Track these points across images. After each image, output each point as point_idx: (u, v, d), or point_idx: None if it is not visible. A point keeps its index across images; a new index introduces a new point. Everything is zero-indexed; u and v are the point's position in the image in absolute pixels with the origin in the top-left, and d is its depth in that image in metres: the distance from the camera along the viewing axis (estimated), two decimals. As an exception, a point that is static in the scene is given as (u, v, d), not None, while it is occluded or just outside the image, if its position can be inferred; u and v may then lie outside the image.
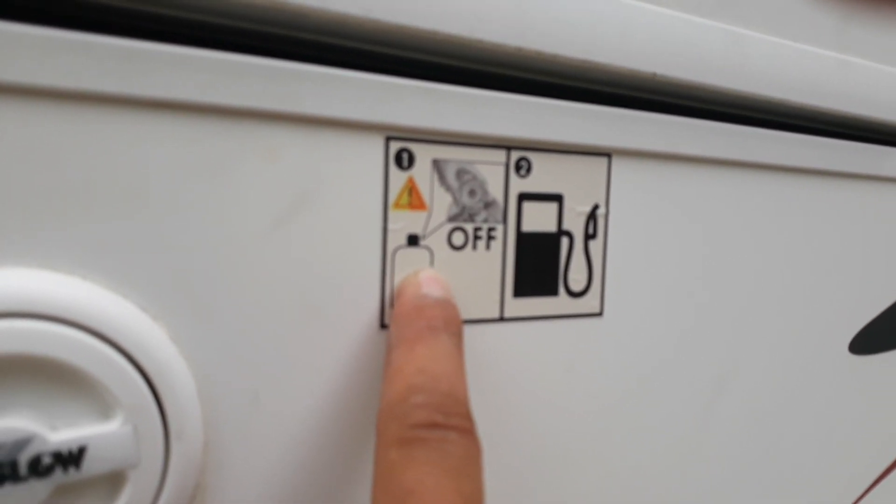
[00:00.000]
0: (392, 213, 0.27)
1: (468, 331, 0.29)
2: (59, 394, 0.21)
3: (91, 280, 0.22)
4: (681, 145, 0.33)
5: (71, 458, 0.21)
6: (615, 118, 0.31)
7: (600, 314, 0.32)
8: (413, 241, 0.27)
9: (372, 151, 0.26)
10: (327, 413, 0.26)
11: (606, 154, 0.31)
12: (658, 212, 0.33)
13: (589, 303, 0.32)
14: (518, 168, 0.29)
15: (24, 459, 0.20)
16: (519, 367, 0.30)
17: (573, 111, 0.30)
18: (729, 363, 0.37)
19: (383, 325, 0.27)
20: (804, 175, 0.38)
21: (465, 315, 0.29)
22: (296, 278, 0.25)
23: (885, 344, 0.43)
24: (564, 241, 0.31)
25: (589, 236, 0.31)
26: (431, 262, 0.28)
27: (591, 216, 0.31)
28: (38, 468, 0.20)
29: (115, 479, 0.22)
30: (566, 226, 0.31)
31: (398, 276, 0.27)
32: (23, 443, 0.20)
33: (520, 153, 0.29)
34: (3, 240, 0.21)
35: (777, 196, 0.37)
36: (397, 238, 0.27)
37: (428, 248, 0.28)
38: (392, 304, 0.27)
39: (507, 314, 0.30)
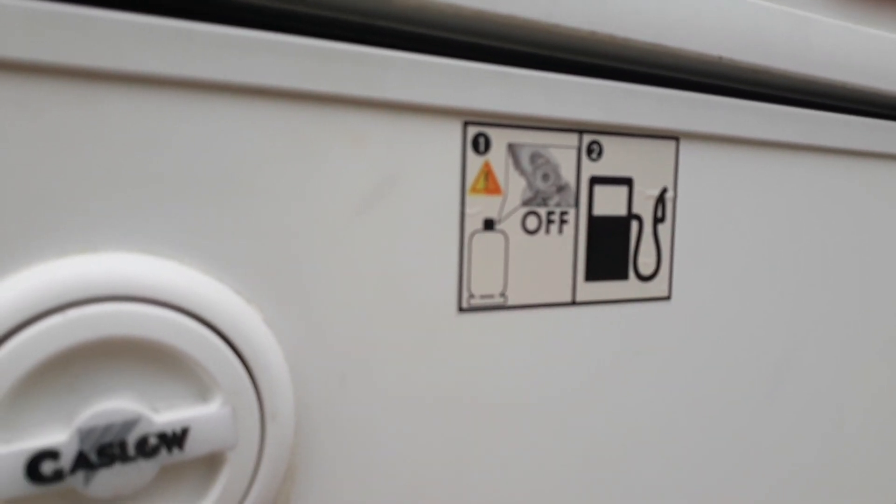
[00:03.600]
0: (469, 198, 0.27)
1: (541, 316, 0.29)
2: (159, 376, 0.22)
3: (189, 264, 0.22)
4: (747, 129, 0.33)
5: (175, 439, 0.21)
6: (683, 102, 0.31)
7: (668, 298, 0.32)
8: (489, 225, 0.28)
9: (450, 136, 0.26)
10: (409, 394, 0.26)
11: (675, 137, 0.31)
12: (724, 195, 0.33)
13: (658, 286, 0.32)
14: (590, 152, 0.29)
15: (132, 440, 0.21)
16: (590, 351, 0.30)
17: (643, 94, 0.30)
18: (790, 348, 0.37)
19: (461, 309, 0.27)
20: (871, 159, 0.37)
21: (537, 300, 0.29)
22: (379, 261, 0.25)
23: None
24: (634, 224, 0.31)
25: (658, 220, 0.31)
26: (506, 247, 0.28)
27: (660, 200, 0.31)
28: (145, 448, 0.21)
29: (214, 461, 0.22)
30: (636, 209, 0.31)
31: (475, 259, 0.27)
32: (131, 424, 0.21)
33: (591, 136, 0.29)
34: (107, 225, 0.21)
35: (844, 180, 0.37)
36: (474, 222, 0.27)
37: (503, 233, 0.28)
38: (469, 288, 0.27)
39: (578, 298, 0.30)
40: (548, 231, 0.29)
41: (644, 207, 0.31)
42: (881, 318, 0.40)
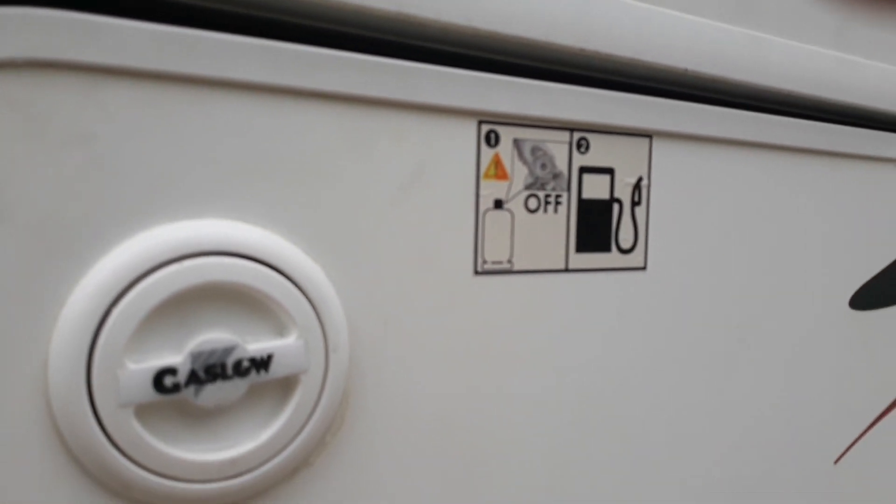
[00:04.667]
0: (483, 182, 0.33)
1: (540, 279, 0.35)
2: (249, 315, 0.28)
3: (271, 229, 0.29)
4: (708, 129, 0.39)
5: (262, 363, 0.28)
6: (655, 106, 0.37)
7: (644, 268, 0.39)
8: (498, 204, 0.34)
9: (468, 132, 0.33)
10: (436, 336, 0.33)
11: (648, 135, 0.38)
12: (690, 184, 0.40)
13: (636, 258, 0.38)
14: (579, 146, 0.36)
15: (230, 362, 0.27)
16: (579, 310, 0.37)
17: (622, 100, 0.36)
18: (748, 315, 0.43)
19: (476, 272, 0.34)
20: (812, 155, 0.44)
21: (536, 266, 0.35)
22: (413, 232, 0.32)
23: (880, 301, 0.49)
24: (615, 206, 0.37)
25: (635, 203, 0.38)
26: (512, 222, 0.34)
27: (637, 186, 0.38)
28: (239, 369, 0.27)
29: (289, 383, 0.29)
30: (617, 194, 0.37)
31: (487, 232, 0.34)
32: (229, 350, 0.27)
33: (580, 134, 0.36)
34: (212, 198, 0.27)
35: (789, 173, 0.44)
36: (486, 202, 0.34)
37: (510, 211, 0.34)
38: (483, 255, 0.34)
39: (570, 266, 0.36)
40: (545, 210, 0.35)
41: (623, 193, 0.38)
42: (826, 291, 0.47)
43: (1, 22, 0.23)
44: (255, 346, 0.28)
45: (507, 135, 0.34)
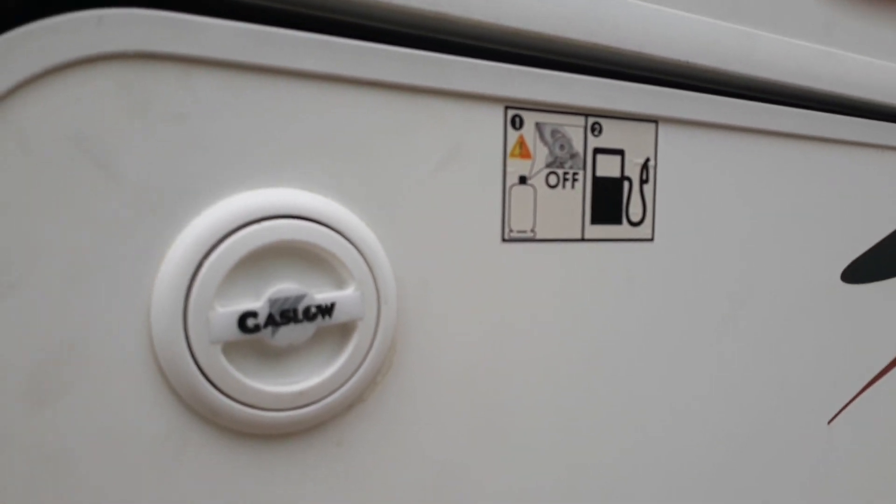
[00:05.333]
0: (509, 161, 0.38)
1: (559, 247, 0.40)
2: (313, 270, 0.33)
3: (331, 198, 0.33)
4: (708, 115, 0.44)
5: (326, 310, 0.32)
6: (660, 94, 0.42)
7: (652, 240, 0.43)
8: (523, 180, 0.39)
9: (496, 117, 0.38)
10: (469, 294, 0.37)
11: (654, 121, 0.43)
12: (693, 164, 0.44)
13: (644, 231, 0.43)
14: (593, 130, 0.41)
15: (300, 308, 0.32)
16: (593, 275, 0.41)
17: (631, 89, 0.41)
18: (745, 283, 0.48)
19: (504, 239, 0.38)
20: (803, 140, 0.49)
21: (556, 236, 0.40)
22: (449, 203, 0.36)
23: (869, 276, 0.54)
24: (626, 184, 0.42)
25: (643, 181, 0.43)
26: (535, 196, 0.39)
27: (644, 166, 0.43)
28: (308, 314, 0.32)
29: (348, 328, 0.33)
30: (627, 173, 0.42)
31: (513, 205, 0.38)
32: (300, 297, 0.32)
33: (594, 119, 0.41)
34: (284, 171, 0.32)
35: (784, 156, 0.48)
36: (512, 178, 0.38)
37: (532, 186, 0.39)
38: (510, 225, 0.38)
39: (586, 236, 0.41)
40: (564, 186, 0.40)
41: (633, 171, 0.42)
42: (819, 265, 0.52)
43: (116, 20, 0.28)
44: (321, 295, 0.32)
45: (530, 119, 0.39)
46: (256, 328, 0.31)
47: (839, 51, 0.50)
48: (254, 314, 0.31)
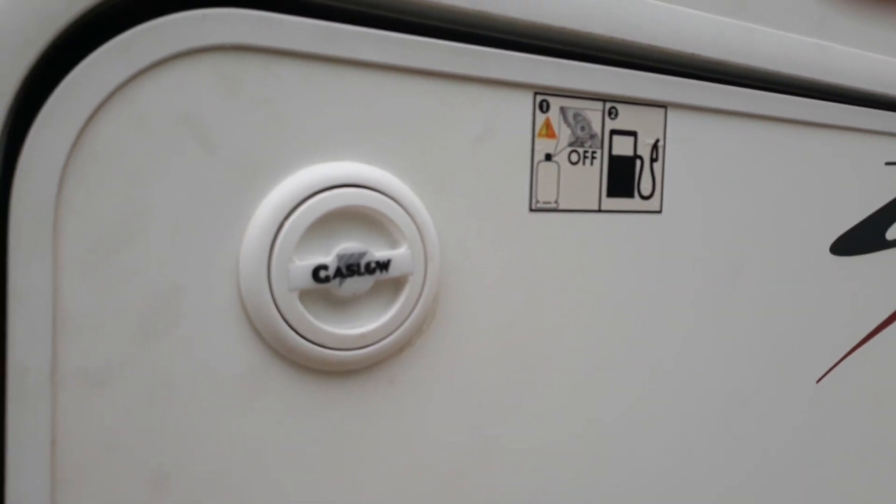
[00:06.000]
0: (537, 140, 0.44)
1: (579, 217, 0.46)
2: (371, 231, 0.38)
3: (386, 170, 0.39)
4: (712, 102, 0.50)
5: (383, 266, 0.38)
6: (669, 83, 0.48)
7: (660, 212, 0.49)
8: (548, 157, 0.44)
9: (526, 101, 0.43)
10: (501, 255, 0.43)
11: (664, 106, 0.48)
12: (697, 146, 0.50)
13: (653, 204, 0.49)
14: (610, 113, 0.46)
15: (363, 263, 0.37)
16: (609, 242, 0.47)
17: (644, 77, 0.46)
18: (742, 253, 0.54)
19: (531, 209, 0.44)
20: (798, 125, 0.54)
21: (576, 207, 0.45)
22: (483, 176, 0.42)
23: (855, 249, 0.59)
24: (638, 162, 0.48)
25: (653, 160, 0.48)
26: (558, 172, 0.45)
27: (654, 146, 0.48)
28: (368, 268, 0.38)
29: (400, 282, 0.39)
30: (639, 152, 0.47)
31: (539, 179, 0.44)
32: (362, 254, 0.37)
33: (611, 104, 0.46)
34: (346, 147, 0.38)
35: (779, 139, 0.54)
36: (539, 155, 0.44)
37: (556, 163, 0.45)
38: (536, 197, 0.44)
39: (603, 207, 0.47)
40: (584, 163, 0.46)
41: (644, 151, 0.48)
42: (810, 238, 0.57)
43: (216, 18, 0.34)
44: (379, 253, 0.38)
45: (555, 103, 0.44)
46: (326, 279, 0.37)
47: (830, 43, 0.55)
48: (325, 267, 0.36)
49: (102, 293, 0.33)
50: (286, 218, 0.36)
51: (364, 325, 0.39)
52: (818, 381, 0.60)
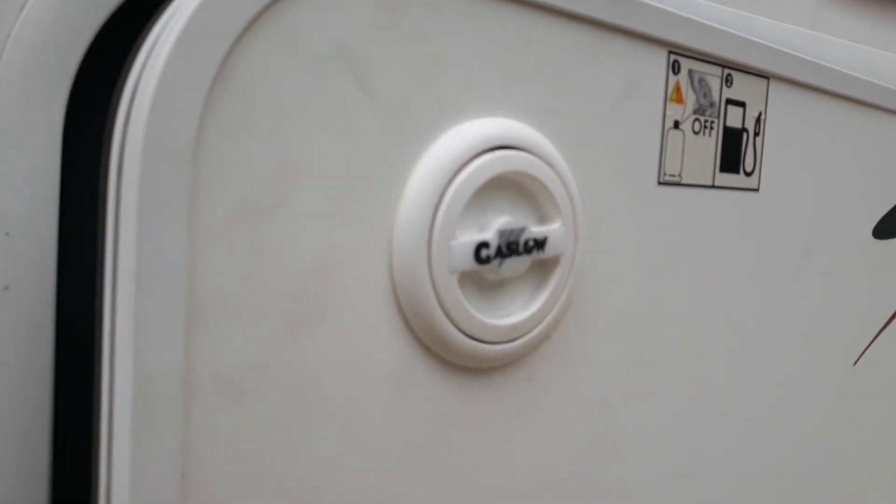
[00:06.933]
0: (668, 105, 0.39)
1: (696, 192, 0.42)
2: (522, 203, 0.32)
3: (539, 130, 0.33)
4: (808, 77, 0.47)
5: (540, 244, 0.32)
6: (773, 52, 0.44)
7: (758, 190, 0.46)
8: (676, 125, 0.40)
9: (661, 60, 0.38)
10: (630, 226, 0.38)
11: (767, 77, 0.45)
12: (791, 122, 0.47)
13: (753, 181, 0.45)
14: (726, 81, 0.42)
15: (521, 241, 0.31)
16: (717, 216, 0.43)
17: (754, 45, 0.43)
18: (814, 237, 0.52)
19: (659, 182, 0.39)
20: (869, 108, 0.53)
21: (696, 181, 0.41)
22: (618, 140, 0.37)
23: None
24: (744, 135, 0.44)
25: (756, 134, 0.45)
26: (683, 142, 0.40)
27: (758, 120, 0.45)
28: (527, 247, 0.32)
29: (549, 263, 0.33)
30: (746, 125, 0.44)
31: (668, 149, 0.39)
32: (521, 230, 0.31)
33: (728, 70, 0.42)
34: (500, 100, 0.31)
35: (853, 118, 0.52)
36: (669, 122, 0.39)
37: (682, 131, 0.40)
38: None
39: (716, 183, 0.43)
40: (703, 133, 0.41)
41: (750, 124, 0.44)
42: (856, 219, 0.57)
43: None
44: (536, 229, 0.32)
45: (685, 65, 0.39)
46: (487, 259, 0.30)
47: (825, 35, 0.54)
48: (486, 245, 0.30)
49: (245, 275, 0.25)
50: (448, 184, 0.29)
51: (514, 313, 0.33)
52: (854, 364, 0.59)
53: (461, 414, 0.32)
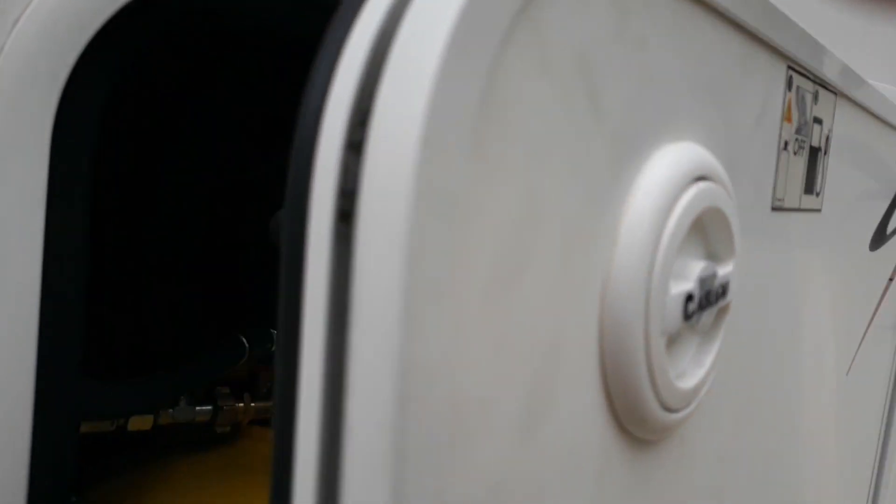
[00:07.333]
0: (783, 124, 0.36)
1: (789, 216, 0.39)
2: (699, 241, 0.28)
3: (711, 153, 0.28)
4: (865, 100, 0.46)
5: (724, 290, 0.28)
6: (840, 66, 0.42)
7: (820, 210, 0.44)
8: (785, 146, 0.37)
9: (781, 74, 0.35)
10: (753, 260, 0.35)
11: (835, 93, 0.43)
12: (847, 142, 0.46)
13: (818, 201, 0.43)
14: (815, 98, 0.40)
15: (713, 289, 0.27)
16: (799, 241, 0.41)
17: (829, 55, 0.41)
18: (848, 254, 0.51)
19: (772, 208, 0.36)
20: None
21: (791, 205, 0.38)
22: (750, 164, 0.33)
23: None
24: (819, 154, 0.42)
25: (824, 153, 0.43)
26: (787, 163, 0.37)
27: (827, 138, 0.43)
28: (717, 295, 0.27)
29: (723, 310, 0.29)
30: (819, 143, 0.42)
31: (779, 172, 0.36)
32: (712, 277, 0.27)
33: (816, 86, 0.39)
34: (683, 120, 0.26)
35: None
36: (781, 142, 0.36)
37: (788, 153, 0.37)
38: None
39: (802, 206, 0.40)
40: (796, 153, 0.39)
41: (823, 142, 0.42)
42: (856, 235, 0.57)
43: None
44: (721, 271, 0.27)
45: (796, 82, 0.36)
46: (690, 315, 0.25)
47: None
48: (691, 297, 0.25)
49: (491, 366, 0.18)
50: (664, 224, 0.24)
51: (686, 373, 0.28)
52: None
53: (644, 487, 0.27)
